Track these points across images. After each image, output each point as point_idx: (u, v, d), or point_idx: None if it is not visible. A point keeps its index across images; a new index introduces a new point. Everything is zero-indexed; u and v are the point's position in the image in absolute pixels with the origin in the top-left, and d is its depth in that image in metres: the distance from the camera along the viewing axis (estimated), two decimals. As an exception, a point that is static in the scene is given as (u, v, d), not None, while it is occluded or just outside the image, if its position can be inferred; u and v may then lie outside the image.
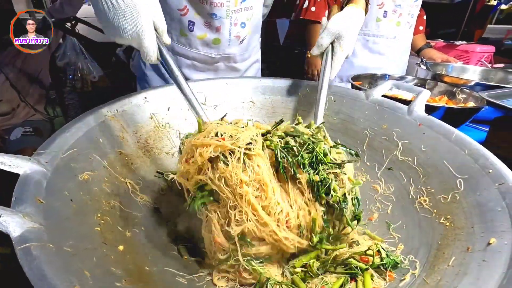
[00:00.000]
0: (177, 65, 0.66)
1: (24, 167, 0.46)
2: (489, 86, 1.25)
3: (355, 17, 0.82)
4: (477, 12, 5.40)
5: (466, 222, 0.50)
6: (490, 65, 1.98)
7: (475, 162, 0.59)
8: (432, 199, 0.62)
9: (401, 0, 1.45)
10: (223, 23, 1.01)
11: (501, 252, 0.40)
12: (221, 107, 0.96)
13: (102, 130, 0.69)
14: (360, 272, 0.51)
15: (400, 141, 0.76)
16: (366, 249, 0.55)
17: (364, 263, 0.53)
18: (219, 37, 1.04)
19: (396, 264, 0.53)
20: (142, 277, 0.47)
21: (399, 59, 1.64)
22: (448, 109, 0.96)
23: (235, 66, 1.13)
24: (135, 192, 0.67)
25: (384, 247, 0.57)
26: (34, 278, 0.30)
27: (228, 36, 1.04)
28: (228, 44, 1.06)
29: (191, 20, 0.99)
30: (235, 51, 1.10)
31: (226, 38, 1.04)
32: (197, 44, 1.04)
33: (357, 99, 0.89)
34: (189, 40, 1.03)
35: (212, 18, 0.99)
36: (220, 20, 1.00)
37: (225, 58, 1.10)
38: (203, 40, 1.04)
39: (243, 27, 1.05)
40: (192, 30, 1.01)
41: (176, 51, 1.07)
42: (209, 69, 1.11)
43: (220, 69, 1.12)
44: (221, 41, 1.05)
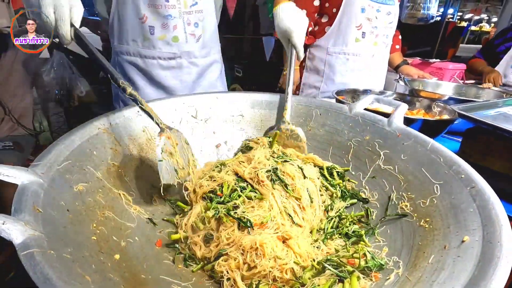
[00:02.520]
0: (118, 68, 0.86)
1: (21, 178, 0.47)
2: (461, 100, 1.34)
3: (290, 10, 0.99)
4: (449, 33, 5.78)
5: (442, 223, 0.55)
6: (462, 81, 2.13)
7: (449, 168, 0.64)
8: (413, 204, 0.66)
9: (377, 22, 1.57)
10: (177, 22, 1.17)
11: (473, 248, 0.44)
12: (212, 120, 0.99)
13: (96, 142, 0.70)
14: (348, 275, 0.54)
15: (382, 151, 0.81)
16: (353, 253, 0.58)
17: (351, 265, 0.56)
18: (177, 35, 1.20)
19: (381, 266, 0.56)
20: (138, 285, 0.47)
21: (377, 75, 1.74)
22: (425, 121, 1.03)
23: (195, 61, 1.28)
24: (128, 203, 0.68)
25: (369, 250, 0.60)
26: (39, 281, 0.32)
27: (184, 34, 1.21)
28: (185, 41, 1.22)
29: (151, 25, 1.16)
30: (193, 48, 1.26)
31: (183, 36, 1.21)
32: (159, 44, 1.20)
33: (341, 112, 0.94)
34: (152, 43, 1.19)
35: (167, 19, 1.16)
36: (175, 20, 1.17)
37: (185, 54, 1.25)
38: (164, 40, 1.19)
39: (197, 26, 1.23)
40: (153, 33, 1.17)
41: (143, 54, 1.22)
42: (173, 66, 1.26)
43: (183, 65, 1.27)
44: (179, 38, 1.21)
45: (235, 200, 0.66)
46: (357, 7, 1.51)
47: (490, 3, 10.49)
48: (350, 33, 1.56)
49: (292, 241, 0.60)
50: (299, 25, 0.98)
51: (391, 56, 1.91)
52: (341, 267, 0.55)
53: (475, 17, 11.74)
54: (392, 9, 1.59)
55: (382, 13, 1.56)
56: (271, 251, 0.57)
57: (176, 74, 1.27)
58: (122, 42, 1.20)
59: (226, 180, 0.72)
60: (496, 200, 0.50)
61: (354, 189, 0.83)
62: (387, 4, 1.56)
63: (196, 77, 1.32)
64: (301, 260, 0.58)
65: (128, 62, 1.23)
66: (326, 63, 1.65)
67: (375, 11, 1.54)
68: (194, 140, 0.93)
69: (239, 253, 0.57)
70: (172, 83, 1.28)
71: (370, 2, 1.52)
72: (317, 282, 0.53)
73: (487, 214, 0.48)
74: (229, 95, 1.02)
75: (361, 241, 0.65)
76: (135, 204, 0.69)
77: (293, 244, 0.59)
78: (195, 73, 1.31)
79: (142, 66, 1.23)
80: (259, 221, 0.63)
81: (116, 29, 1.19)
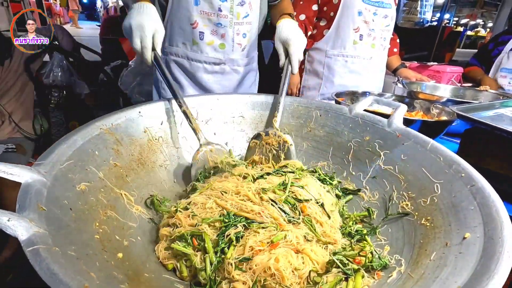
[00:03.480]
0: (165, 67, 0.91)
1: (25, 176, 0.47)
2: (459, 102, 1.36)
3: (286, 24, 1.08)
4: (446, 37, 5.85)
5: (443, 221, 0.55)
6: (459, 84, 2.15)
7: (449, 168, 0.65)
8: (413, 203, 0.66)
9: (374, 25, 1.59)
10: (227, 31, 1.23)
11: (474, 244, 0.44)
12: (213, 121, 0.99)
13: (98, 143, 0.70)
14: (353, 273, 0.54)
15: (382, 151, 0.82)
16: (359, 251, 0.58)
17: (357, 264, 0.56)
18: (224, 43, 1.26)
19: (385, 265, 0.56)
20: (141, 283, 0.47)
21: (375, 77, 1.76)
22: (424, 122, 1.04)
23: (237, 68, 1.35)
24: (130, 203, 0.68)
25: (375, 249, 0.60)
26: (45, 276, 0.32)
27: (231, 43, 1.27)
28: (232, 49, 1.29)
29: (201, 31, 1.22)
30: (238, 56, 1.32)
31: (230, 44, 1.27)
32: (207, 49, 1.26)
33: (341, 114, 0.95)
34: (200, 47, 1.25)
35: (218, 27, 1.22)
36: (225, 28, 1.22)
37: (230, 61, 1.31)
38: (211, 46, 1.26)
39: (244, 37, 1.29)
40: (202, 38, 1.24)
41: (190, 57, 1.28)
42: (217, 71, 1.32)
43: (225, 71, 1.33)
44: (225, 46, 1.27)
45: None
46: (354, 10, 1.54)
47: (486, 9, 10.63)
48: (348, 35, 1.59)
49: (307, 249, 0.57)
50: (298, 38, 1.04)
51: (389, 59, 1.93)
52: (347, 265, 0.55)
53: (471, 22, 11.89)
54: (389, 12, 1.62)
55: (379, 16, 1.59)
56: (287, 264, 0.54)
57: (218, 79, 1.34)
58: (172, 44, 1.27)
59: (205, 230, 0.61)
60: (497, 198, 0.51)
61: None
62: (384, 7, 1.59)
63: (236, 84, 1.39)
64: (319, 268, 0.56)
65: (176, 63, 1.31)
66: (325, 65, 1.66)
67: (372, 14, 1.57)
68: (195, 141, 0.94)
69: (248, 276, 0.53)
70: (213, 86, 1.34)
71: (367, 6, 1.55)
72: (325, 279, 0.53)
73: (487, 212, 0.49)
74: (229, 97, 1.03)
75: (364, 240, 0.65)
76: (136, 204, 0.69)
77: (309, 251, 0.57)
78: (236, 80, 1.37)
79: (188, 68, 1.30)
80: (266, 241, 0.58)
81: (168, 32, 1.25)
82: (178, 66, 1.31)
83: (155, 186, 0.80)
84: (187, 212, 0.66)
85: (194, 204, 0.69)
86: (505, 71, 2.05)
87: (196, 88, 1.35)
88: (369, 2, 1.55)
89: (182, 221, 0.64)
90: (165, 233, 0.64)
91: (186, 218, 0.65)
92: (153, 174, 0.82)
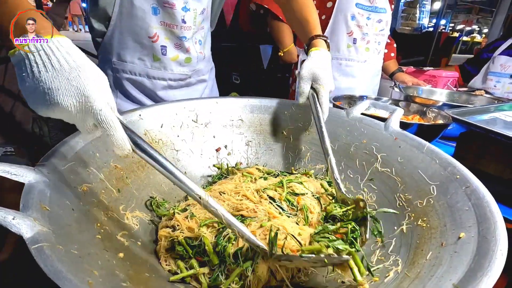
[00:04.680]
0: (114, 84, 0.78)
1: (28, 177, 0.48)
2: (455, 106, 1.38)
3: (322, 58, 0.90)
4: (442, 43, 5.93)
5: (439, 222, 0.56)
6: (455, 88, 2.18)
7: (444, 170, 0.66)
8: (410, 204, 0.68)
9: (368, 30, 1.62)
10: (190, 44, 1.11)
11: (469, 243, 0.45)
12: (212, 124, 1.00)
13: (99, 145, 0.71)
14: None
15: (379, 154, 0.83)
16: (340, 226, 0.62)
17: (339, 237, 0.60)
18: (190, 56, 1.14)
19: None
20: (142, 282, 0.48)
21: (370, 81, 1.79)
22: (420, 125, 1.06)
23: (203, 78, 1.25)
24: (131, 205, 0.69)
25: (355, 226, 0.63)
26: (50, 273, 0.32)
27: (196, 54, 1.15)
28: (196, 61, 1.17)
29: (163, 45, 1.07)
30: (202, 66, 1.22)
31: (194, 56, 1.15)
32: (171, 65, 1.12)
33: (339, 117, 0.97)
34: (163, 63, 1.10)
35: (181, 40, 1.08)
36: (188, 41, 1.10)
37: (195, 73, 1.20)
38: (176, 61, 1.12)
39: (201, 44, 1.18)
40: (165, 53, 1.08)
41: (151, 75, 1.12)
42: (182, 85, 1.20)
43: (191, 83, 1.22)
44: (191, 59, 1.15)
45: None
46: (347, 15, 1.57)
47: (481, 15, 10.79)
48: (342, 39, 1.62)
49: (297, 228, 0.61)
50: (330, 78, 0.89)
51: (386, 64, 1.96)
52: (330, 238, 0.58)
53: (466, 28, 12.05)
54: (383, 17, 1.65)
55: (373, 20, 1.62)
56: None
57: (185, 93, 1.21)
58: (125, 59, 1.08)
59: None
60: (491, 199, 0.52)
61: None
62: (378, 12, 1.62)
63: (202, 92, 1.29)
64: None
65: (130, 81, 1.12)
66: None
67: (365, 19, 1.60)
68: (194, 144, 0.95)
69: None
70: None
71: (360, 10, 1.58)
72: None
73: (482, 212, 0.50)
74: (228, 100, 1.04)
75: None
76: (137, 206, 0.70)
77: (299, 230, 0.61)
78: (202, 89, 1.28)
79: (148, 86, 1.13)
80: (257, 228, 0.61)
81: (116, 45, 1.06)
82: (133, 85, 1.12)
83: (154, 188, 0.81)
84: (185, 213, 0.67)
85: (192, 205, 0.70)
86: (492, 74, 2.14)
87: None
88: (362, 6, 1.58)
89: (181, 223, 0.65)
90: (164, 234, 0.65)
91: (185, 220, 0.65)
92: (153, 176, 0.83)
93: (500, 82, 2.14)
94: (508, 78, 2.10)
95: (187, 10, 1.04)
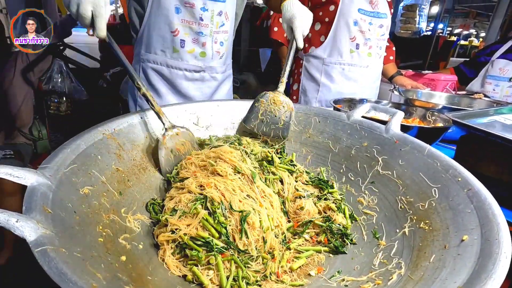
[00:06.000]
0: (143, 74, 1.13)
1: (31, 179, 0.48)
2: (454, 109, 1.39)
3: (297, 3, 1.07)
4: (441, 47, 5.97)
5: (441, 224, 0.56)
6: (454, 91, 2.19)
7: (446, 172, 0.66)
8: (412, 207, 0.68)
9: (370, 35, 1.63)
10: (207, 40, 1.27)
11: (472, 246, 0.45)
12: (213, 127, 1.01)
13: (100, 147, 0.71)
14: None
15: (380, 157, 0.83)
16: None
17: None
18: (205, 51, 1.29)
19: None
20: (145, 285, 0.48)
21: (371, 85, 1.80)
22: (421, 128, 1.06)
23: (216, 76, 1.39)
24: (132, 207, 0.69)
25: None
26: (54, 275, 0.32)
27: (211, 51, 1.30)
28: (211, 57, 1.32)
29: (182, 39, 1.24)
30: (216, 64, 1.36)
31: (209, 52, 1.30)
32: (187, 57, 1.29)
33: (340, 120, 0.97)
34: (180, 55, 1.27)
35: (199, 35, 1.25)
36: (205, 37, 1.26)
37: (209, 69, 1.35)
38: (192, 54, 1.29)
39: (222, 45, 1.33)
40: (183, 46, 1.26)
41: (170, 64, 1.29)
42: (197, 78, 1.35)
43: (205, 78, 1.37)
44: (206, 54, 1.30)
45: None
46: (350, 20, 1.58)
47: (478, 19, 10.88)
48: (345, 45, 1.63)
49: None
50: (301, 13, 1.05)
51: (386, 67, 1.97)
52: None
53: (464, 32, 12.14)
54: (384, 22, 1.66)
55: (375, 26, 1.63)
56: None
57: (198, 86, 1.36)
58: (150, 51, 1.27)
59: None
60: (493, 201, 0.52)
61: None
62: (380, 17, 1.63)
63: (214, 90, 1.42)
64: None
65: (153, 70, 1.30)
66: (322, 72, 1.71)
67: (368, 24, 1.61)
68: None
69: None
70: (193, 93, 1.36)
71: (362, 16, 1.59)
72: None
73: (484, 214, 0.50)
74: (229, 103, 1.05)
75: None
76: (138, 208, 0.70)
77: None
78: (214, 86, 1.41)
79: (167, 75, 1.31)
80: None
81: (145, 39, 1.26)
82: (157, 73, 1.31)
83: (156, 190, 0.81)
84: (177, 214, 0.66)
85: (179, 202, 0.69)
86: (490, 78, 2.16)
87: (175, 96, 1.35)
88: (364, 12, 1.59)
89: (179, 225, 0.64)
90: (165, 239, 0.64)
91: (180, 222, 0.64)
92: (154, 179, 0.83)
93: (499, 86, 2.15)
94: (507, 82, 2.11)
95: (205, 10, 1.21)
